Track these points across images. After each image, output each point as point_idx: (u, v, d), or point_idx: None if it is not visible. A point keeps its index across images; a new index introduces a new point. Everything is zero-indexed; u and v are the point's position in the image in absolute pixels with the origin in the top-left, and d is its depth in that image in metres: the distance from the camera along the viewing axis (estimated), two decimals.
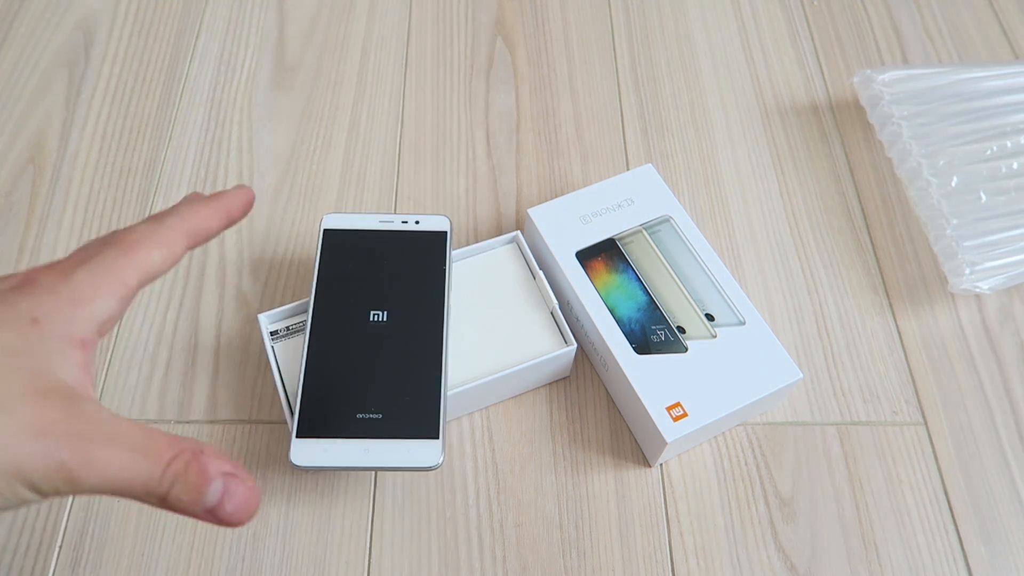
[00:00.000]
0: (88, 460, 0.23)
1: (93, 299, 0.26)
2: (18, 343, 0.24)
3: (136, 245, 0.27)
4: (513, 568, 0.43)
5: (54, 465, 0.23)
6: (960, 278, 0.50)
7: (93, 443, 0.23)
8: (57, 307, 0.25)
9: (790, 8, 0.68)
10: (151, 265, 0.27)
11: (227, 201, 0.32)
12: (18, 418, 0.23)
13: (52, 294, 0.25)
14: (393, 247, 0.47)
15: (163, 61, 0.62)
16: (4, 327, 0.24)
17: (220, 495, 0.24)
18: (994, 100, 0.56)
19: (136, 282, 0.27)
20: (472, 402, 0.46)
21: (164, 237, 0.28)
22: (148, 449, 0.24)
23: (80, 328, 0.25)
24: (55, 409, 0.23)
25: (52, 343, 0.24)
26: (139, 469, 0.24)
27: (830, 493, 0.46)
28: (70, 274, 0.26)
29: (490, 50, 0.64)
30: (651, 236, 0.50)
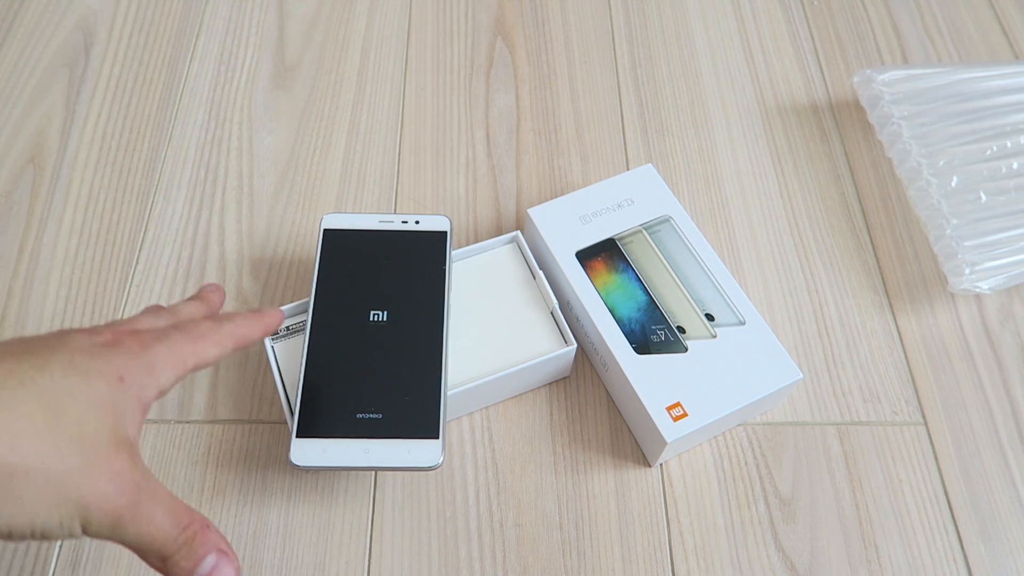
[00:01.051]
0: (137, 512, 0.27)
1: (162, 371, 0.30)
2: (108, 396, 0.27)
3: (201, 338, 0.32)
4: (513, 568, 0.43)
5: (113, 509, 0.26)
6: (960, 278, 0.50)
7: (144, 496, 0.27)
8: (139, 371, 0.28)
9: (790, 8, 0.68)
10: (207, 357, 0.32)
11: (267, 317, 0.37)
12: (101, 460, 0.26)
13: (135, 359, 0.29)
14: (393, 247, 0.47)
15: (163, 61, 0.62)
16: (100, 378, 0.27)
17: (211, 568, 0.28)
18: (994, 100, 0.56)
19: (192, 365, 0.31)
20: (472, 402, 0.46)
21: (221, 338, 0.33)
22: (176, 512, 0.28)
23: (148, 393, 0.29)
24: (125, 459, 0.27)
25: (130, 402, 0.28)
26: (167, 528, 0.27)
27: (830, 493, 0.46)
28: (150, 346, 0.30)
29: (490, 50, 0.64)
30: (651, 236, 0.50)
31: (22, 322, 0.50)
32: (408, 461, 0.40)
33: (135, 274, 0.52)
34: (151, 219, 0.55)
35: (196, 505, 0.44)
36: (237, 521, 0.44)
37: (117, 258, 0.53)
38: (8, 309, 0.50)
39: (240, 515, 0.44)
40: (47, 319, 0.50)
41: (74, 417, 0.26)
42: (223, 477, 0.45)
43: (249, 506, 0.44)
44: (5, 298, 0.51)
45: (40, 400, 0.25)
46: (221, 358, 0.34)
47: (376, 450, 0.40)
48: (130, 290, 0.52)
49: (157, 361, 0.29)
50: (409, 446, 0.40)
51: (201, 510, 0.44)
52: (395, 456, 0.40)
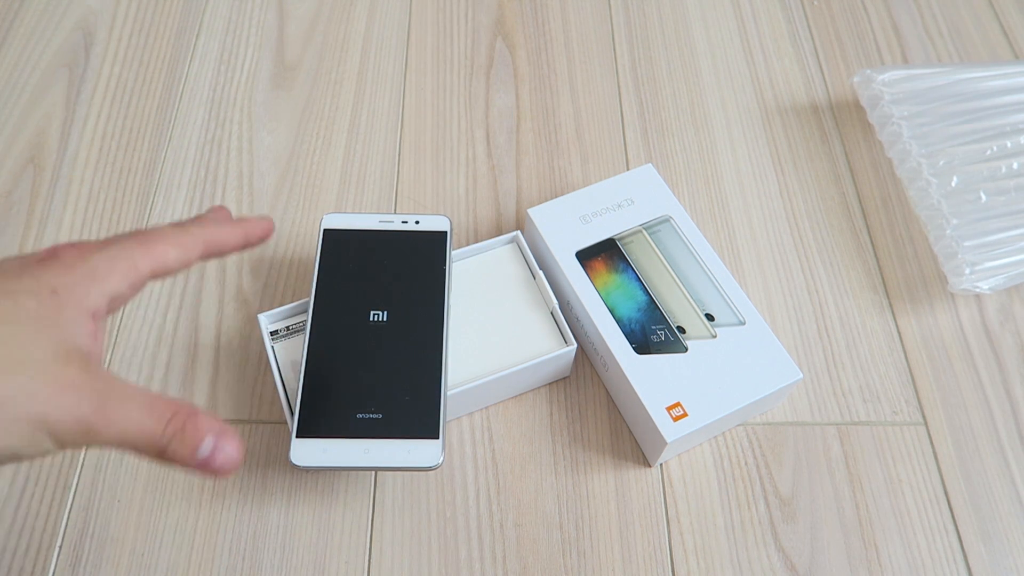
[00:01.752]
0: (106, 415, 0.27)
1: (107, 277, 0.29)
2: (40, 310, 0.27)
3: (155, 239, 0.31)
4: (513, 568, 0.43)
5: (77, 418, 0.26)
6: (960, 278, 0.50)
7: (110, 400, 0.27)
8: (74, 281, 0.28)
9: (790, 8, 0.68)
10: (166, 260, 0.31)
11: (249, 224, 0.35)
12: (45, 375, 0.26)
13: (71, 269, 0.28)
14: (393, 247, 0.47)
15: (163, 61, 0.62)
16: (28, 296, 0.27)
17: (212, 449, 0.28)
18: (994, 100, 0.56)
19: (148, 270, 0.30)
20: (472, 402, 0.46)
21: (183, 240, 0.31)
22: (153, 407, 0.28)
23: (93, 301, 0.28)
24: (75, 369, 0.27)
25: (69, 312, 0.27)
26: (146, 424, 0.27)
27: (830, 493, 0.46)
28: (89, 254, 0.29)
29: (490, 50, 0.64)
30: (651, 236, 0.50)
31: None
32: (408, 461, 0.40)
33: None
34: (151, 219, 0.55)
35: (196, 505, 0.44)
36: (237, 521, 0.44)
37: None
38: None
39: (240, 515, 0.44)
40: None
41: (6, 339, 0.26)
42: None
43: (249, 506, 0.44)
44: None
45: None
46: (185, 262, 0.32)
47: (376, 450, 0.40)
48: None
49: (99, 267, 0.29)
50: (409, 446, 0.40)
51: (201, 510, 0.44)
52: (395, 456, 0.40)
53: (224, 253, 0.34)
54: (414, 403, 0.41)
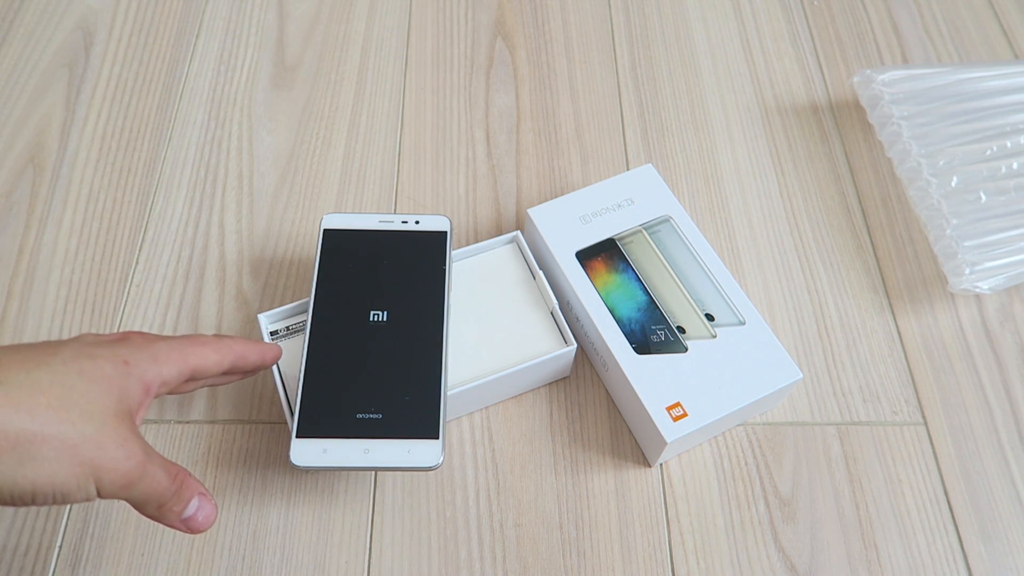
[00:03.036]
0: (144, 473, 0.31)
1: (165, 362, 0.34)
2: (113, 374, 0.32)
3: (202, 344, 0.37)
4: (513, 568, 0.43)
5: (123, 472, 0.30)
6: (960, 278, 0.50)
7: (148, 460, 0.32)
8: (142, 358, 0.33)
9: (790, 8, 0.68)
10: (206, 360, 0.36)
11: (266, 348, 0.41)
12: (109, 428, 0.30)
13: (140, 349, 0.34)
14: (393, 247, 0.47)
15: (163, 61, 0.62)
16: (106, 361, 0.32)
17: (195, 509, 0.34)
18: (994, 100, 0.56)
19: (193, 365, 0.36)
20: (472, 402, 0.46)
21: (221, 348, 0.38)
22: (168, 469, 0.33)
23: (151, 377, 0.33)
24: (128, 430, 0.31)
25: (133, 381, 0.32)
26: (165, 484, 0.32)
27: (830, 493, 0.46)
28: (154, 341, 0.35)
29: (490, 50, 0.64)
30: (651, 236, 0.50)
31: (22, 322, 0.50)
32: (408, 461, 0.40)
33: (135, 274, 0.52)
34: (151, 219, 0.55)
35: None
36: (237, 521, 0.44)
37: (117, 258, 0.53)
38: (8, 309, 0.50)
39: (240, 515, 0.44)
40: (47, 319, 0.50)
41: (83, 392, 0.30)
42: (223, 477, 0.45)
43: (249, 506, 0.44)
44: (5, 298, 0.51)
45: (53, 378, 0.30)
46: (220, 367, 0.37)
47: (376, 450, 0.40)
48: (130, 290, 0.52)
49: (160, 353, 0.34)
50: (409, 446, 0.40)
51: None
52: (395, 456, 0.40)
53: (245, 369, 0.40)
54: (414, 403, 0.41)
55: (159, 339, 0.35)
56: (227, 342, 0.38)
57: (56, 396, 0.29)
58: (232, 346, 0.38)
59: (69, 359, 0.31)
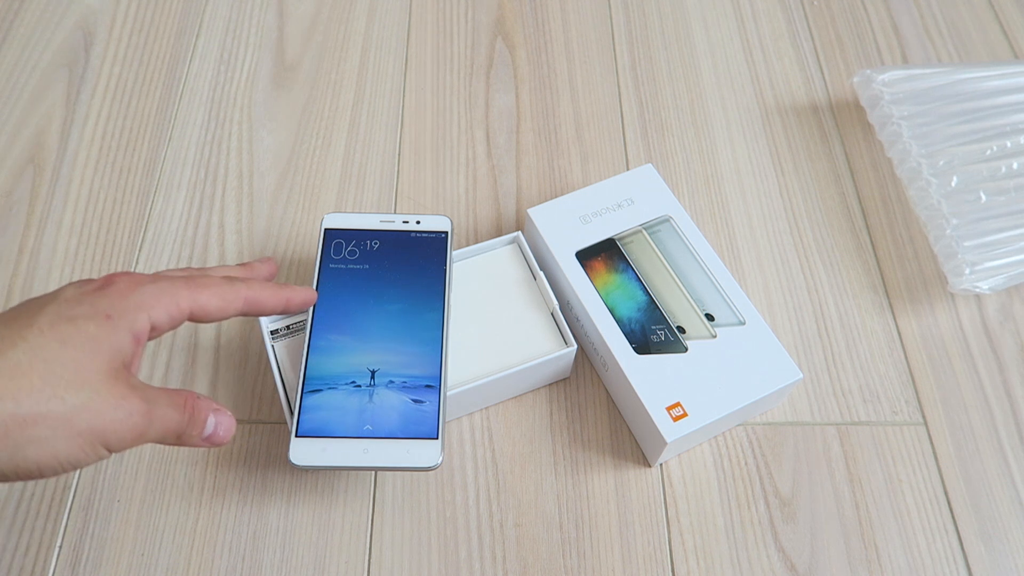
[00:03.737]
0: (151, 420, 0.31)
1: (152, 307, 0.32)
2: (97, 333, 0.30)
3: (202, 285, 0.35)
4: (513, 568, 0.43)
5: (130, 427, 0.30)
6: (960, 278, 0.50)
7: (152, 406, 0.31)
8: (125, 308, 0.32)
9: (790, 8, 0.68)
10: (206, 306, 0.35)
11: (291, 292, 0.40)
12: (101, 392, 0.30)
13: (123, 296, 0.32)
14: (394, 247, 0.47)
15: (163, 61, 0.62)
16: (87, 320, 0.31)
17: (214, 427, 0.34)
18: (994, 100, 0.56)
19: (188, 310, 0.34)
20: (472, 402, 0.46)
21: (226, 293, 0.35)
22: (175, 402, 0.33)
23: (139, 326, 0.32)
24: (123, 385, 0.31)
25: (119, 334, 0.31)
26: (175, 418, 0.32)
27: (830, 493, 0.46)
28: (140, 284, 0.33)
29: (490, 50, 0.64)
30: (651, 236, 0.50)
31: None
32: (408, 461, 0.40)
33: None
34: (151, 219, 0.55)
35: (196, 505, 0.44)
36: (237, 521, 0.44)
37: (117, 258, 0.53)
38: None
39: (240, 515, 0.44)
40: None
41: (67, 361, 0.29)
42: (223, 477, 0.45)
43: (249, 506, 0.44)
44: (5, 298, 0.51)
45: (33, 354, 0.29)
46: (223, 313, 0.35)
47: (376, 450, 0.40)
48: None
49: (146, 298, 0.32)
50: (408, 446, 0.40)
51: (201, 510, 0.44)
52: (395, 456, 0.40)
53: (262, 313, 0.38)
54: (414, 403, 0.41)
55: (147, 280, 0.33)
56: (236, 287, 0.36)
57: (39, 374, 0.28)
58: (241, 291, 0.36)
59: (47, 327, 0.30)
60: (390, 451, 0.40)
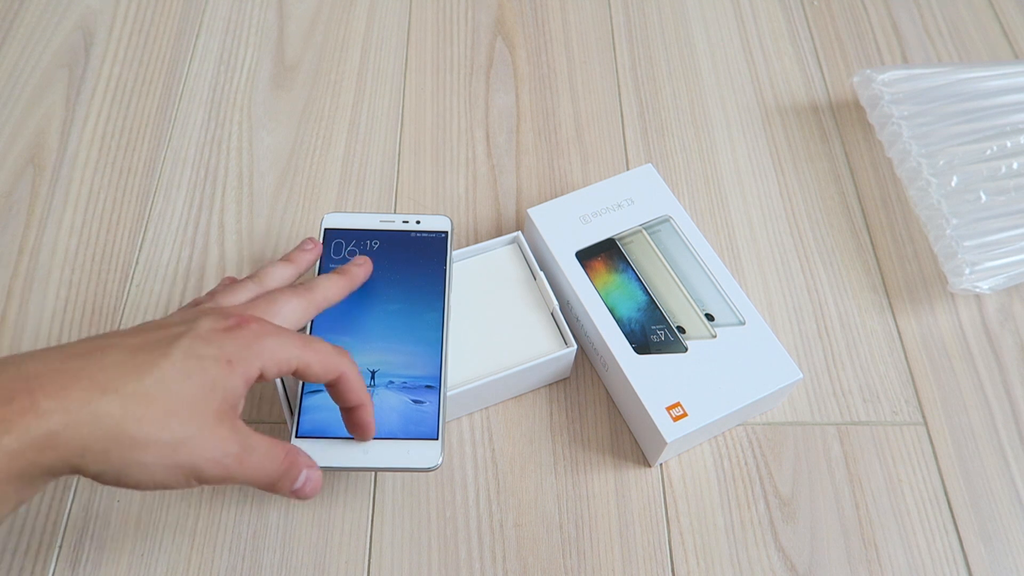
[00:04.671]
0: (243, 465, 0.33)
1: (271, 358, 0.34)
2: (216, 376, 0.32)
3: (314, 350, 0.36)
4: (513, 568, 0.43)
5: (222, 468, 0.32)
6: (960, 278, 0.50)
7: (247, 453, 0.33)
8: (249, 357, 0.33)
9: (790, 8, 0.68)
10: (309, 369, 0.36)
11: (353, 277, 0.43)
12: (206, 430, 0.32)
13: (247, 348, 0.34)
14: (394, 247, 0.47)
15: (163, 61, 0.62)
16: (215, 363, 0.33)
17: (304, 481, 0.36)
18: (994, 100, 0.56)
19: (294, 368, 0.35)
20: (472, 402, 0.46)
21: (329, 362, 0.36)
22: (273, 454, 0.34)
23: (251, 374, 0.34)
24: (227, 428, 0.33)
25: (235, 380, 0.33)
26: (269, 469, 0.34)
27: (830, 493, 0.46)
28: (265, 336, 0.35)
29: (490, 50, 0.64)
30: (651, 236, 0.50)
31: (22, 322, 0.50)
32: (408, 462, 0.40)
33: (135, 274, 0.52)
34: (151, 219, 0.55)
35: (196, 505, 0.44)
36: (237, 521, 0.44)
37: (117, 258, 0.53)
38: (8, 309, 0.50)
39: (240, 515, 0.44)
40: (47, 319, 0.50)
41: (188, 396, 0.32)
42: None
43: (249, 506, 0.44)
44: (5, 298, 0.51)
45: (162, 385, 0.31)
46: (320, 377, 0.37)
47: (376, 450, 0.40)
48: (130, 290, 0.52)
49: (265, 353, 0.34)
50: (408, 447, 0.40)
51: (201, 510, 0.44)
52: (394, 457, 0.40)
53: (339, 398, 0.38)
54: (414, 403, 0.41)
55: (272, 332, 0.35)
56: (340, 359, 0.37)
57: (163, 404, 0.31)
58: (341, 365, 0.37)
59: (179, 361, 0.32)
60: (390, 452, 0.40)
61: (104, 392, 0.30)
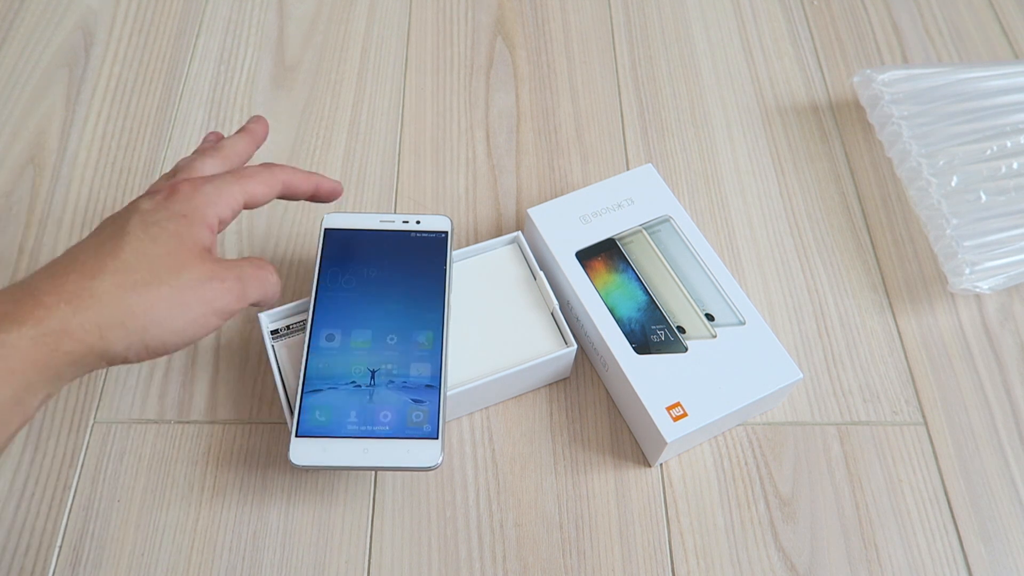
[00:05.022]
0: (244, 280, 0.37)
1: (216, 202, 0.38)
2: (179, 229, 0.36)
3: (248, 177, 0.39)
4: (513, 568, 0.43)
5: (236, 294, 0.37)
6: (960, 278, 0.50)
7: (240, 270, 0.37)
8: (195, 206, 0.37)
9: (790, 8, 0.68)
10: (255, 194, 0.40)
11: (320, 179, 0.44)
12: (196, 271, 0.35)
13: (190, 199, 0.37)
14: (394, 247, 0.47)
15: (163, 61, 0.62)
16: (170, 221, 0.36)
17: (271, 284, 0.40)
18: (994, 100, 0.56)
19: (243, 200, 0.39)
20: (472, 402, 0.46)
21: (269, 179, 0.40)
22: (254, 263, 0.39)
23: (210, 218, 0.37)
24: (211, 262, 0.36)
25: (196, 228, 0.36)
26: (270, 275, 0.39)
27: (830, 493, 0.46)
28: (201, 187, 0.38)
29: (490, 50, 0.64)
30: (651, 236, 0.50)
31: None
32: (407, 461, 0.40)
33: None
34: None
35: (196, 505, 0.44)
36: (237, 521, 0.44)
37: None
38: None
39: (240, 515, 0.44)
40: None
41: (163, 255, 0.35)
42: (223, 477, 0.45)
43: (249, 506, 0.44)
44: None
45: (136, 254, 0.35)
46: (268, 198, 0.40)
47: (375, 450, 0.40)
48: None
49: (210, 195, 0.37)
50: (408, 446, 0.40)
51: (201, 510, 0.44)
52: (394, 456, 0.40)
53: (296, 198, 0.43)
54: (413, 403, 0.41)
55: (204, 183, 0.38)
56: (275, 172, 0.41)
57: (146, 268, 0.34)
58: (280, 175, 0.41)
59: (140, 232, 0.35)
60: (390, 451, 0.40)
61: (93, 276, 0.33)
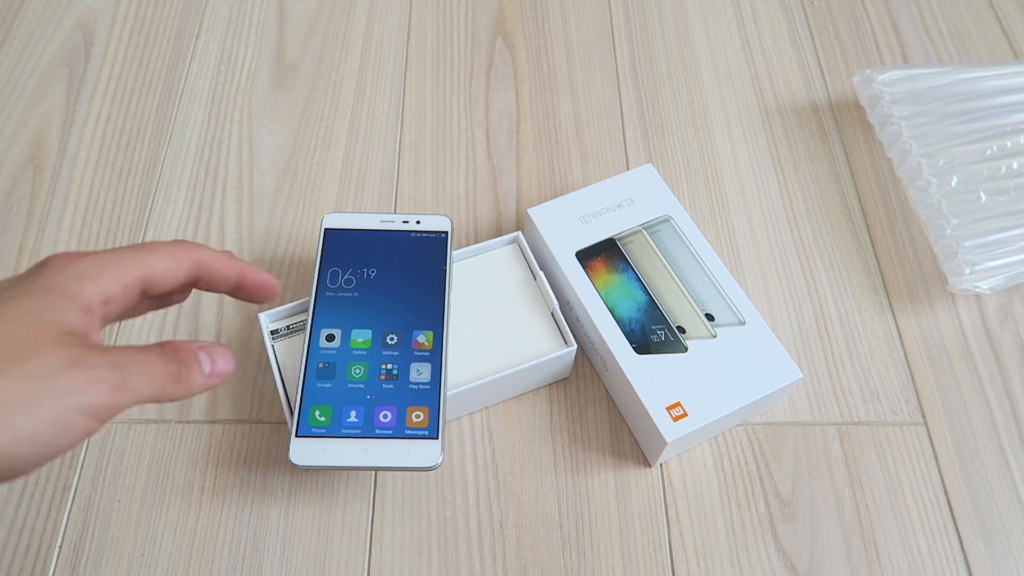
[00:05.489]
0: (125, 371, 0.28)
1: (97, 277, 0.30)
2: (35, 307, 0.28)
3: (147, 249, 0.32)
4: (513, 568, 0.43)
5: (107, 383, 0.27)
6: (960, 278, 0.50)
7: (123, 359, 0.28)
8: (66, 279, 0.29)
9: (790, 8, 0.68)
10: (154, 268, 0.32)
11: (247, 268, 0.35)
12: (54, 357, 0.27)
13: (61, 271, 0.29)
14: (394, 247, 0.47)
15: (163, 61, 0.62)
16: (23, 297, 0.28)
17: (208, 364, 0.31)
18: (994, 100, 0.56)
19: (138, 276, 0.31)
20: (472, 402, 0.46)
21: (174, 253, 0.32)
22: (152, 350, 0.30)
23: (85, 297, 0.29)
24: (78, 344, 0.28)
25: (64, 305, 0.28)
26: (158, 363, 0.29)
27: (830, 493, 0.46)
28: (79, 258, 0.30)
29: (490, 50, 0.64)
30: (651, 236, 0.50)
31: None
32: (407, 461, 0.40)
33: None
34: (151, 219, 0.55)
35: (196, 505, 0.44)
36: (237, 521, 0.44)
37: None
38: None
39: (240, 515, 0.44)
40: None
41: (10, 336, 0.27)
42: (223, 477, 0.45)
43: (249, 506, 0.44)
44: None
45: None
46: (174, 275, 0.32)
47: (375, 450, 0.40)
48: None
49: (89, 268, 0.30)
50: (408, 446, 0.40)
51: (201, 510, 0.44)
52: (394, 456, 0.40)
53: (214, 282, 0.34)
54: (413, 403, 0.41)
55: (87, 254, 0.31)
56: (187, 247, 0.33)
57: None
58: (191, 251, 0.33)
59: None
60: (390, 451, 0.40)
61: None
